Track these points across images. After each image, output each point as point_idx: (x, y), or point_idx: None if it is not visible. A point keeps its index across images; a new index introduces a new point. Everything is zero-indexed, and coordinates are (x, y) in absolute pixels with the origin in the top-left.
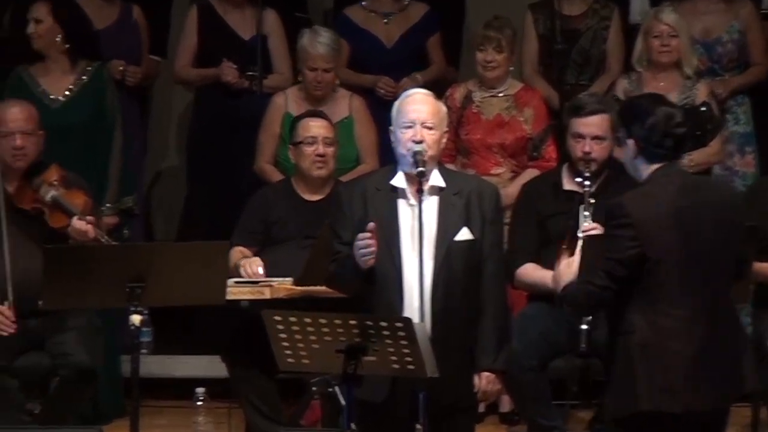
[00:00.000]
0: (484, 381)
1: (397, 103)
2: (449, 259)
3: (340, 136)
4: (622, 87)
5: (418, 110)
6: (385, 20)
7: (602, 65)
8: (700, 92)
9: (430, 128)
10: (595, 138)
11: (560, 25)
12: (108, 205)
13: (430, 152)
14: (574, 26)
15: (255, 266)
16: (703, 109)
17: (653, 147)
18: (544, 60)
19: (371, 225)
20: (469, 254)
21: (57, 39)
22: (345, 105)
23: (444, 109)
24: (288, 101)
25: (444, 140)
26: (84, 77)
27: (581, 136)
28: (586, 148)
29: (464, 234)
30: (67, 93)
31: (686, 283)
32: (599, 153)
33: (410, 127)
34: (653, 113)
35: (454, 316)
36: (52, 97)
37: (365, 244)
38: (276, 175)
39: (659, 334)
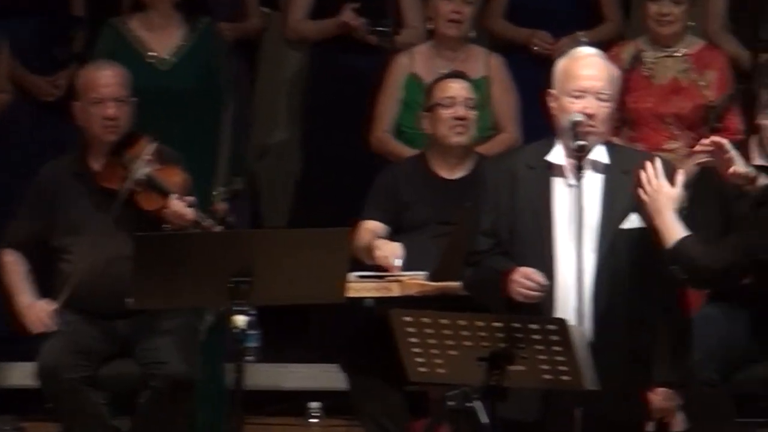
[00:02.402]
0: (660, 397)
1: (563, 63)
2: (615, 250)
3: (478, 96)
4: None
5: (592, 77)
6: None
7: None
8: None
9: (604, 100)
10: None
11: None
12: (221, 189)
13: (601, 128)
14: None
15: (392, 254)
16: None
17: None
18: (734, 13)
19: (546, 284)
20: (639, 245)
21: None
22: (481, 63)
23: (617, 73)
24: (414, 60)
25: (613, 113)
26: (195, 34)
27: None
28: None
29: (633, 221)
30: (175, 53)
31: None
32: None
33: (581, 96)
34: None
35: (619, 319)
36: (156, 56)
37: (530, 287)
38: (396, 148)
39: None
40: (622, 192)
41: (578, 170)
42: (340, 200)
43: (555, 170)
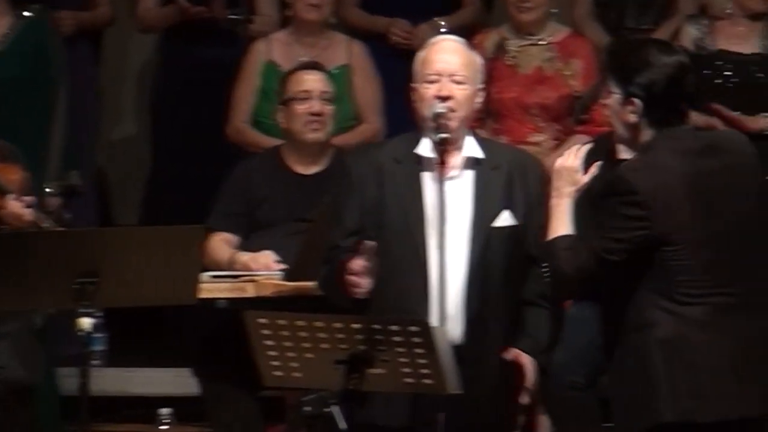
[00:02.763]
0: (529, 364)
1: (421, 53)
2: (488, 249)
3: (335, 88)
4: (690, 35)
5: (446, 60)
6: None
7: (669, 5)
8: None
9: (460, 82)
10: None
11: None
12: (53, 182)
13: (460, 112)
14: None
15: (270, 261)
16: None
17: (664, 110)
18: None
19: (369, 245)
20: (512, 244)
21: None
22: (342, 51)
23: (479, 60)
24: (271, 47)
25: (479, 99)
26: (23, 22)
27: None
28: None
29: (506, 219)
30: (1, 41)
31: (715, 267)
32: None
33: (435, 81)
34: (665, 65)
35: (490, 321)
36: None
37: (354, 281)
38: (254, 138)
39: (686, 326)
40: (494, 188)
41: (441, 164)
42: (193, 196)
43: (425, 164)
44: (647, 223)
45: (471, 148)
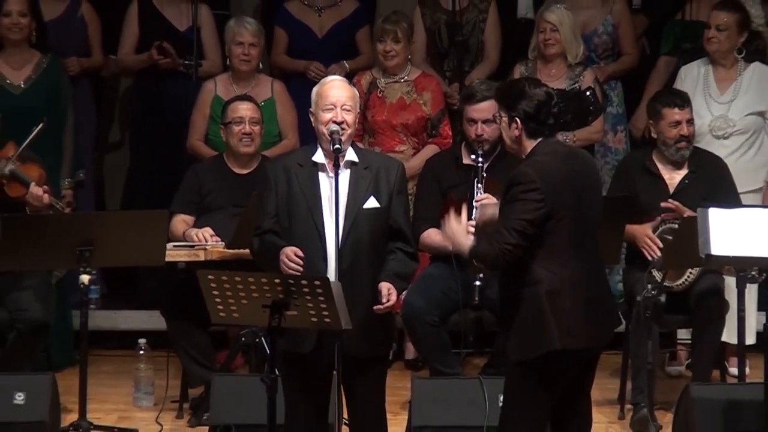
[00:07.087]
0: (385, 288)
1: (316, 89)
2: (358, 224)
3: (263, 115)
4: (519, 72)
5: (337, 95)
6: (319, 13)
7: (481, 54)
8: (586, 79)
9: (348, 110)
10: (486, 121)
11: (445, 18)
12: (67, 180)
13: (349, 131)
14: (456, 19)
15: (207, 234)
16: (588, 93)
17: (536, 124)
18: (430, 50)
19: (301, 255)
20: (376, 220)
21: (33, 32)
22: (267, 88)
23: (357, 93)
24: (216, 86)
25: (358, 120)
26: (42, 66)
27: (474, 121)
28: (479, 131)
29: (372, 202)
30: (27, 80)
31: (578, 239)
32: (490, 133)
33: (332, 109)
34: (535, 94)
35: (360, 273)
36: (11, 83)
37: (293, 267)
38: (206, 151)
39: (562, 282)
40: (364, 182)
41: (334, 167)
42: (161, 189)
43: (319, 167)
44: (543, 204)
45: (350, 154)
